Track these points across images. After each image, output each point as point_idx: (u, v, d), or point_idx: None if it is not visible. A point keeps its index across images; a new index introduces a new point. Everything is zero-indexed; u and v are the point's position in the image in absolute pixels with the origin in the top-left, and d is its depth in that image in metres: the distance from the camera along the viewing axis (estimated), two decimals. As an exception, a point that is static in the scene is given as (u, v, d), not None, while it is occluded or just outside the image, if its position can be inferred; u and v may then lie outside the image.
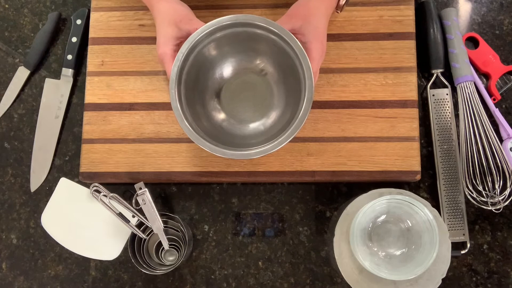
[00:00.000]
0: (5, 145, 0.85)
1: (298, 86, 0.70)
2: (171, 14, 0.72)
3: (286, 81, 0.75)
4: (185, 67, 0.71)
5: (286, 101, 0.76)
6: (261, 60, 0.76)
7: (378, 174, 0.76)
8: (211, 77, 0.77)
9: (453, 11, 0.82)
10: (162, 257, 0.79)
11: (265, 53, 0.75)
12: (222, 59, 0.76)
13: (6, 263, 0.81)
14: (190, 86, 0.72)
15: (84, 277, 0.80)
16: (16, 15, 0.89)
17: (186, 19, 0.72)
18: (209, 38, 0.71)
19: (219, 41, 0.72)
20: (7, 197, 0.83)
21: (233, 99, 0.77)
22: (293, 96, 0.72)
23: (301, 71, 0.68)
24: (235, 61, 0.77)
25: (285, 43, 0.69)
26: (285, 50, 0.70)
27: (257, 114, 0.77)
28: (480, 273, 0.77)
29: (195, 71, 0.72)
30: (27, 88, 0.86)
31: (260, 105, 0.77)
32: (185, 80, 0.71)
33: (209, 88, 0.77)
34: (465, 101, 0.78)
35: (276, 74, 0.76)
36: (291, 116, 0.71)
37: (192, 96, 0.73)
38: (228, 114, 0.77)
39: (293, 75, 0.71)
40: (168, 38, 0.71)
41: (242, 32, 0.71)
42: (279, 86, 0.77)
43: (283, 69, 0.75)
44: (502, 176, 0.76)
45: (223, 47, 0.74)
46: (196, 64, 0.72)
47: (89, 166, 0.79)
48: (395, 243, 0.69)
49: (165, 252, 0.79)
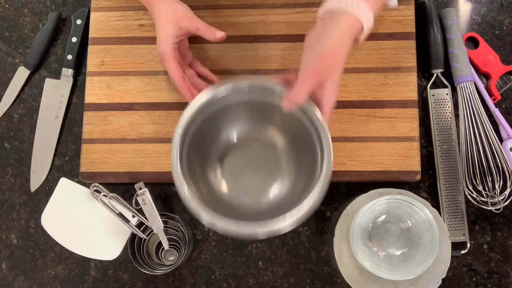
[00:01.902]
0: (5, 145, 0.85)
1: (312, 157, 0.65)
2: (171, 13, 0.72)
3: (298, 151, 0.71)
4: (190, 129, 0.67)
5: (296, 172, 0.71)
6: (270, 127, 0.72)
7: (378, 174, 0.76)
8: (216, 143, 0.73)
9: (453, 11, 0.82)
10: (162, 257, 0.79)
11: (276, 120, 0.71)
12: (230, 124, 0.73)
13: (6, 263, 0.81)
14: (193, 149, 0.68)
15: (84, 277, 0.80)
16: (16, 15, 0.89)
17: (186, 17, 0.72)
18: (220, 102, 0.68)
19: (229, 105, 0.69)
20: (7, 197, 0.83)
21: (238, 167, 0.73)
22: (305, 168, 0.68)
23: (317, 142, 0.64)
24: (243, 127, 0.73)
25: (301, 111, 0.63)
26: (298, 119, 0.65)
27: (263, 185, 0.72)
28: (480, 273, 0.77)
29: (200, 134, 0.69)
30: (27, 88, 0.86)
31: (266, 175, 0.72)
32: (189, 142, 0.67)
33: (213, 154, 0.73)
34: (465, 101, 0.78)
35: (286, 144, 0.72)
36: (302, 188, 0.66)
37: (194, 160, 0.68)
38: (232, 183, 0.73)
39: (307, 145, 0.66)
40: (168, 36, 0.71)
41: (254, 97, 0.67)
42: (289, 156, 0.72)
43: (294, 138, 0.70)
44: (502, 176, 0.76)
45: (232, 112, 0.71)
46: (202, 127, 0.68)
47: (89, 166, 0.79)
48: (395, 243, 0.69)
49: (165, 252, 0.79)
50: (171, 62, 0.72)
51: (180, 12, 0.72)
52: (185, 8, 0.74)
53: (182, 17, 0.72)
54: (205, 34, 0.73)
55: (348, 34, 0.60)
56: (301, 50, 0.63)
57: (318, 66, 0.60)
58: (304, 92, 0.61)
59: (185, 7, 0.74)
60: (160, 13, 0.72)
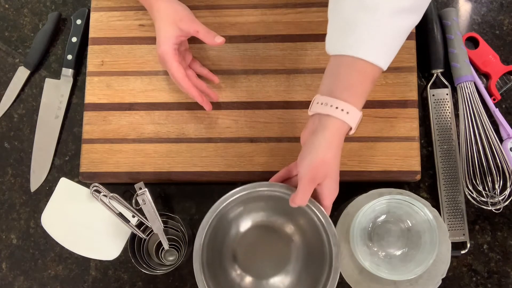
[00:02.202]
0: (5, 145, 0.85)
1: (321, 250, 0.68)
2: (171, 14, 0.72)
3: (307, 242, 0.73)
4: (207, 234, 0.69)
5: (305, 261, 0.73)
6: (281, 220, 0.74)
7: (378, 174, 0.76)
8: (228, 236, 0.75)
9: (453, 11, 0.82)
10: (162, 257, 0.79)
11: (285, 213, 0.73)
12: (241, 218, 0.75)
13: (6, 263, 0.81)
14: (209, 249, 0.70)
15: (84, 277, 0.80)
16: (16, 15, 0.89)
17: (187, 19, 0.72)
18: (230, 205, 0.70)
19: (239, 205, 0.72)
20: (7, 197, 0.83)
21: (250, 255, 0.75)
22: (314, 261, 0.70)
23: (325, 236, 0.67)
24: (253, 218, 0.75)
25: (310, 209, 0.67)
26: (305, 211, 0.68)
27: (275, 270, 0.74)
28: (480, 273, 0.77)
29: (214, 233, 0.71)
30: (27, 88, 0.86)
31: (277, 261, 0.74)
32: (207, 245, 0.69)
33: (226, 246, 0.75)
34: (465, 101, 0.78)
35: (298, 237, 0.74)
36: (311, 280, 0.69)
37: (211, 258, 0.71)
38: (244, 271, 0.74)
39: (316, 237, 0.69)
40: (168, 37, 0.71)
41: (262, 195, 0.70)
42: (299, 249, 0.74)
43: (305, 232, 0.73)
44: (502, 176, 0.76)
45: (242, 209, 0.73)
46: (216, 227, 0.70)
47: (89, 166, 0.79)
48: (395, 243, 0.69)
49: (165, 252, 0.79)
50: (173, 62, 0.71)
51: (180, 13, 0.72)
52: (185, 9, 0.73)
53: (182, 18, 0.72)
54: (204, 38, 0.73)
55: (336, 138, 0.62)
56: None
57: (313, 174, 0.62)
58: (305, 197, 0.63)
59: (185, 8, 0.74)
60: (160, 13, 0.72)
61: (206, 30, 0.73)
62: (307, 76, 0.79)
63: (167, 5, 0.72)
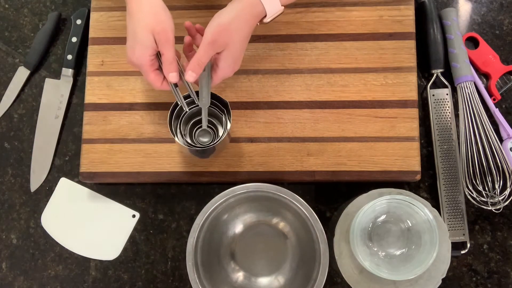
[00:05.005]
0: (5, 145, 0.85)
1: (312, 247, 0.71)
2: (151, 19, 0.64)
3: (300, 240, 0.76)
4: (201, 235, 0.72)
5: (301, 259, 0.76)
6: (274, 216, 0.77)
7: (378, 174, 0.76)
8: (225, 237, 0.77)
9: (453, 11, 0.82)
10: (196, 137, 0.74)
11: (277, 210, 0.76)
12: (236, 218, 0.77)
13: (6, 263, 0.81)
14: (205, 250, 0.73)
15: (84, 277, 0.80)
16: (16, 15, 0.89)
17: (163, 34, 0.64)
18: (222, 205, 0.72)
19: (232, 205, 0.74)
20: (7, 197, 0.83)
21: (248, 254, 0.77)
22: (307, 258, 0.73)
23: (314, 233, 0.70)
24: (248, 218, 0.78)
25: (297, 207, 0.71)
26: (295, 211, 0.72)
27: (271, 268, 0.77)
28: (480, 273, 0.77)
29: (209, 234, 0.73)
30: (27, 88, 0.86)
31: (273, 257, 0.77)
32: (201, 246, 0.72)
33: (224, 246, 0.77)
34: (465, 101, 0.78)
35: (292, 235, 0.77)
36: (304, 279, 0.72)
37: (207, 259, 0.73)
38: (244, 270, 0.77)
39: (308, 236, 0.72)
40: (145, 47, 0.64)
41: (254, 195, 0.73)
42: (294, 248, 0.77)
43: (298, 231, 0.76)
44: (502, 176, 0.76)
45: (236, 209, 0.76)
46: (210, 228, 0.73)
47: (89, 166, 0.79)
48: (395, 243, 0.69)
49: (199, 131, 0.73)
50: (150, 74, 0.67)
51: (160, 23, 0.64)
52: (166, 18, 0.65)
53: (160, 31, 0.64)
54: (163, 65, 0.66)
55: (247, 14, 0.65)
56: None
57: (215, 37, 0.65)
58: (202, 58, 0.66)
59: (166, 16, 0.65)
60: (140, 12, 0.65)
61: (170, 61, 0.65)
62: (307, 76, 0.79)
63: (148, 5, 0.65)
